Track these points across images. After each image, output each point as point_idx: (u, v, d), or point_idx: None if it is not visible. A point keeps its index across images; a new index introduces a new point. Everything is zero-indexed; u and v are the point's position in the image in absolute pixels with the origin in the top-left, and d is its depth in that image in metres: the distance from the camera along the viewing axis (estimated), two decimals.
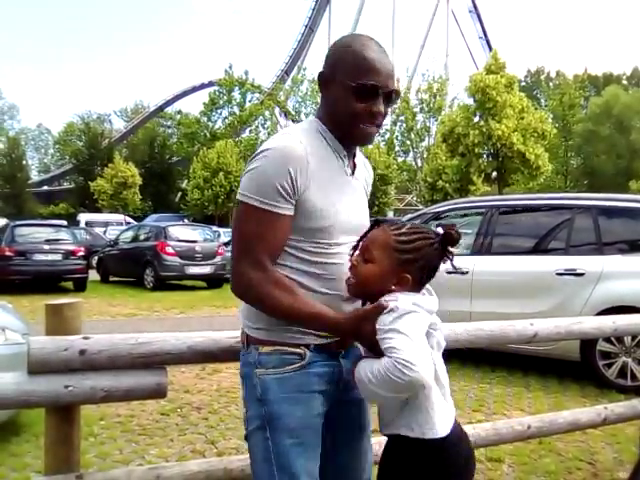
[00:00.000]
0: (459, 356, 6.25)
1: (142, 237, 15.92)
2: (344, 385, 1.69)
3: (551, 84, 61.02)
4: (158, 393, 2.04)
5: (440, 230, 1.59)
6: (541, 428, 2.98)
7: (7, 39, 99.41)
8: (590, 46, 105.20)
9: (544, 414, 3.32)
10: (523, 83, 56.61)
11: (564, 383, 5.71)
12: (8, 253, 13.02)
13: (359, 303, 1.68)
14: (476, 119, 29.91)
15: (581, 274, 5.63)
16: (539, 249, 6.33)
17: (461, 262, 6.38)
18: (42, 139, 75.08)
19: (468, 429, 2.85)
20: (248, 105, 47.63)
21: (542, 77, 67.27)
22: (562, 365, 6.05)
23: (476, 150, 29.42)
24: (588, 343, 5.42)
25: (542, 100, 58.75)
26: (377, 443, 1.94)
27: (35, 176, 64.08)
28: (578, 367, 5.79)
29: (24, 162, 52.26)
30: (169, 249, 14.34)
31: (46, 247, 13.55)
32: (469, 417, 4.63)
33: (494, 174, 31.05)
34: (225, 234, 19.73)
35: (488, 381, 5.80)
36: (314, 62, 57.54)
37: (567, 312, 5.04)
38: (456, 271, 5.87)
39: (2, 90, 64.25)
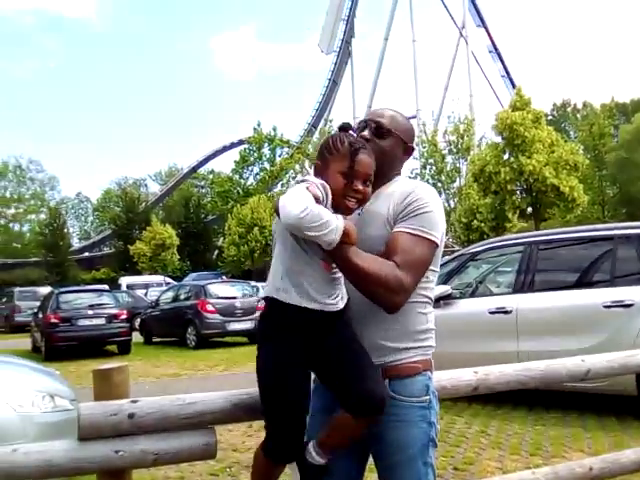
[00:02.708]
0: (511, 398, 6.08)
1: (182, 297, 16.11)
2: None
3: (578, 115, 60.72)
4: (207, 453, 2.03)
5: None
6: (604, 469, 2.86)
7: (43, 113, 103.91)
8: (615, 74, 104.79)
9: (606, 454, 3.19)
10: (550, 117, 56.50)
11: (623, 420, 5.48)
12: (54, 320, 13.29)
13: None
14: (506, 156, 29.78)
15: (629, 305, 5.47)
16: (583, 282, 6.19)
17: (504, 301, 6.27)
18: (82, 207, 77.38)
19: (527, 475, 2.76)
20: (278, 160, 48.48)
21: (569, 109, 67.02)
22: (619, 402, 5.82)
23: (509, 187, 29.19)
24: None
25: (571, 132, 58.41)
26: None
27: (76, 243, 65.74)
28: (636, 403, 5.56)
29: (65, 231, 53.72)
30: (209, 307, 14.46)
31: (90, 312, 13.82)
32: (527, 462, 4.47)
33: (529, 210, 30.69)
34: (263, 288, 19.79)
35: (543, 423, 5.60)
36: (340, 114, 58.56)
37: (618, 345, 4.86)
38: (499, 311, 5.80)
39: (42, 163, 66.63)
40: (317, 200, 1.71)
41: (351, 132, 1.91)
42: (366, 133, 2.00)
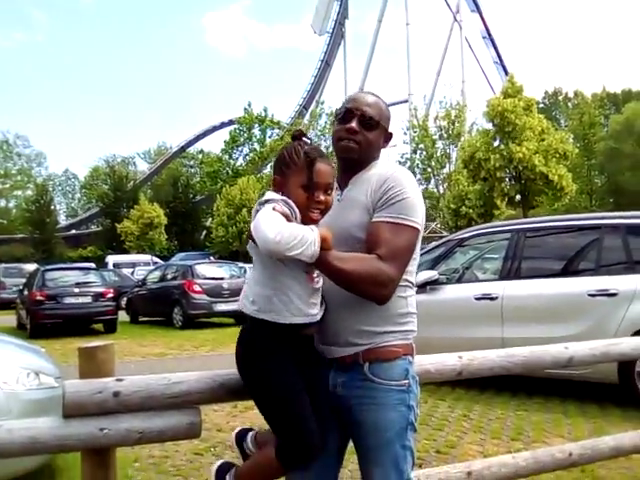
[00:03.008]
0: (494, 384, 6.15)
1: (169, 276, 16.07)
2: None
3: (570, 104, 60.81)
4: (192, 433, 2.04)
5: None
6: (583, 455, 2.90)
7: (30, 88, 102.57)
8: (607, 64, 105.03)
9: (585, 440, 3.24)
10: (541, 105, 56.48)
11: (604, 407, 5.56)
12: (39, 297, 13.22)
13: None
14: (496, 143, 29.82)
15: (614, 294, 5.52)
16: (569, 271, 6.24)
17: (490, 287, 6.31)
18: (69, 184, 76.72)
19: (507, 458, 2.80)
20: (268, 141, 48.24)
21: (560, 98, 67.08)
22: (601, 389, 5.90)
23: (498, 174, 29.26)
24: (626, 365, 5.28)
25: (562, 121, 58.53)
26: None
27: (63, 221, 65.29)
28: (617, 390, 5.64)
29: (52, 207, 53.28)
30: (196, 287, 14.44)
31: (76, 290, 13.75)
32: (508, 446, 4.53)
33: (518, 197, 30.79)
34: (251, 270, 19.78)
35: (525, 408, 5.67)
36: (332, 96, 58.21)
37: (601, 333, 4.93)
38: (485, 297, 5.84)
39: (29, 138, 65.84)
40: (287, 218, 1.72)
41: (305, 139, 1.89)
42: (354, 125, 1.98)
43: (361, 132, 1.98)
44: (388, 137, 2.10)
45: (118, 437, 1.90)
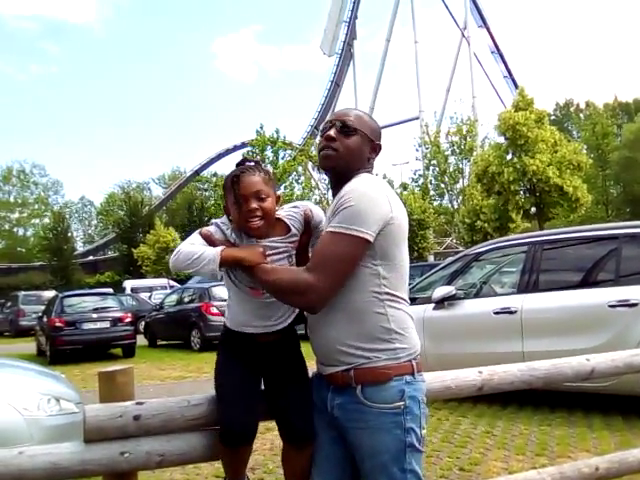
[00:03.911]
0: (517, 399, 6.07)
1: (186, 299, 16.11)
2: None
3: (581, 115, 60.63)
4: (213, 455, 2.04)
5: None
6: (610, 469, 2.85)
7: (46, 118, 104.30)
8: (617, 74, 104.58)
9: (612, 454, 3.17)
10: (553, 117, 56.38)
11: (629, 420, 5.46)
12: (58, 324, 13.31)
13: None
14: (509, 157, 29.72)
15: (635, 304, 5.45)
16: (588, 282, 6.16)
17: (509, 301, 6.26)
18: (85, 211, 77.53)
19: (533, 475, 2.75)
20: (281, 162, 48.48)
21: (572, 109, 66.92)
22: (625, 401, 5.79)
23: (512, 187, 29.12)
24: None
25: (574, 132, 58.31)
26: None
27: (80, 247, 65.87)
28: None
29: (69, 234, 53.81)
30: (214, 309, 14.44)
31: (94, 316, 13.83)
32: (532, 462, 4.45)
33: (533, 210, 30.60)
34: None
35: (548, 423, 5.59)
36: None
37: (623, 344, 4.84)
38: (504, 311, 5.78)
39: (46, 167, 66.83)
40: (208, 238, 1.98)
41: (248, 164, 2.04)
42: (332, 132, 2.01)
43: (339, 139, 2.01)
44: (375, 148, 2.09)
45: (139, 461, 1.90)
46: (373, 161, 2.11)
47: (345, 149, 1.99)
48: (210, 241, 1.98)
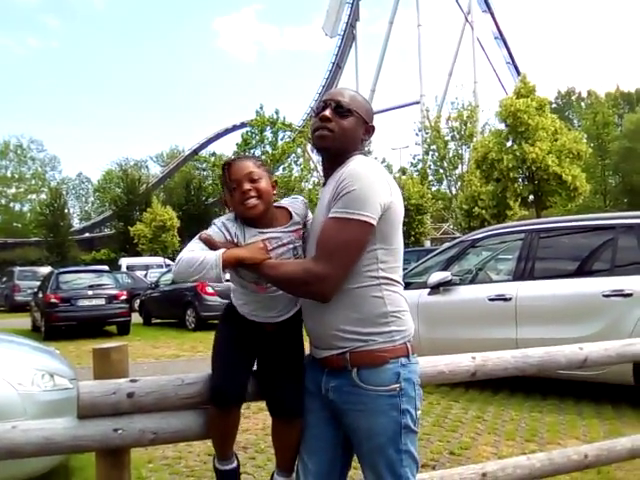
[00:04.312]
0: (508, 385, 6.11)
1: None
2: None
3: (583, 104, 60.43)
4: (205, 434, 2.05)
5: None
6: (599, 457, 2.88)
7: (45, 93, 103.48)
8: (620, 63, 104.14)
9: (601, 442, 3.20)
10: (554, 105, 56.15)
11: (619, 409, 5.51)
12: (53, 300, 13.33)
13: None
14: (509, 144, 29.62)
15: (629, 294, 5.47)
16: (583, 271, 6.18)
17: (504, 288, 6.28)
18: (82, 188, 77.27)
19: (522, 460, 2.78)
20: (280, 143, 48.25)
21: (573, 97, 66.69)
22: (616, 390, 5.84)
23: (511, 175, 29.07)
24: None
25: (575, 121, 58.15)
26: None
27: (77, 224, 65.74)
28: (633, 391, 5.58)
29: (66, 211, 53.68)
30: (209, 289, 14.45)
31: (89, 293, 13.84)
32: (522, 447, 4.50)
33: (531, 198, 30.57)
34: None
35: (539, 409, 5.63)
36: None
37: (616, 334, 4.87)
38: (499, 298, 5.79)
39: (43, 142, 66.53)
40: (209, 241, 1.96)
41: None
42: (327, 112, 1.99)
43: (334, 120, 1.99)
44: (369, 129, 2.08)
45: (132, 438, 1.91)
46: (366, 142, 2.11)
47: (340, 130, 1.98)
48: (211, 244, 1.95)
